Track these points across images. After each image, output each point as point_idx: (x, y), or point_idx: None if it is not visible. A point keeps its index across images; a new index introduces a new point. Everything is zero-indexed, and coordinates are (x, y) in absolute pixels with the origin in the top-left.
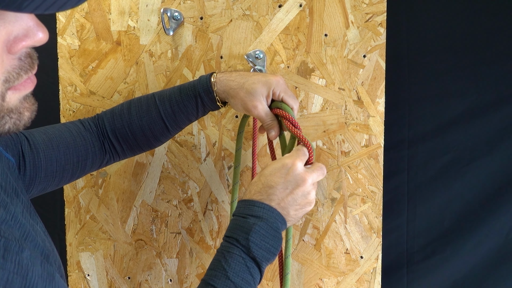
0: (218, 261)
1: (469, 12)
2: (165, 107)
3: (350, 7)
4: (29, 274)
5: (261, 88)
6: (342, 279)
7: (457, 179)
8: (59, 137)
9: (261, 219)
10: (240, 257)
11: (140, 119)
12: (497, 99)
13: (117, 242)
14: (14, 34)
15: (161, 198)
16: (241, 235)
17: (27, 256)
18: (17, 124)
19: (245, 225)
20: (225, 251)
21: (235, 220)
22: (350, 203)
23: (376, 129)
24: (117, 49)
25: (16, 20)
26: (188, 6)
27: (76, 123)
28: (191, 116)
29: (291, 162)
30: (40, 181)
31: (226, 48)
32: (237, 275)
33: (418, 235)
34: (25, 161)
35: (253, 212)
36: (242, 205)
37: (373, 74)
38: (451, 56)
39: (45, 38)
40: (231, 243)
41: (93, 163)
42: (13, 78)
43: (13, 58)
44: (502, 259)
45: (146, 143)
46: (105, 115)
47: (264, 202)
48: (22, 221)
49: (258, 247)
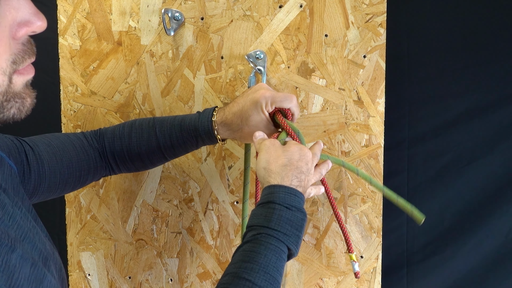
0: (256, 253)
1: (469, 12)
2: (165, 140)
3: (350, 8)
4: (15, 275)
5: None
6: (342, 278)
7: (457, 179)
8: (63, 150)
9: (305, 215)
10: (282, 252)
11: (139, 147)
12: (497, 99)
13: (118, 241)
14: (18, 21)
15: (162, 198)
16: (291, 230)
17: (16, 257)
18: (21, 109)
19: (295, 220)
20: (266, 243)
21: (279, 210)
22: (350, 203)
23: (376, 129)
24: (118, 49)
25: (19, 7)
26: (189, 7)
27: (79, 137)
28: (189, 150)
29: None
30: (43, 191)
31: (226, 49)
32: (277, 270)
33: (418, 235)
34: (30, 169)
35: (297, 204)
36: (283, 192)
37: (373, 74)
38: (451, 56)
39: (44, 25)
40: (275, 237)
41: (94, 177)
42: (19, 61)
43: (17, 43)
44: (502, 259)
45: (142, 166)
46: (105, 134)
47: (302, 193)
48: (20, 222)
49: (300, 245)
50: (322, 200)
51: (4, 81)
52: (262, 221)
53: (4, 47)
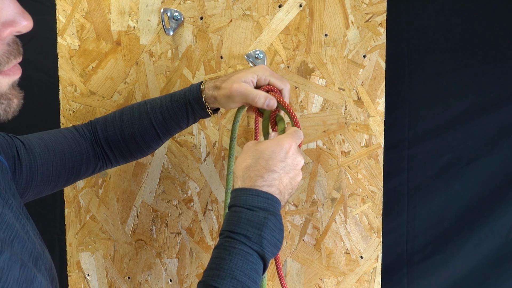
0: (221, 259)
1: (469, 12)
2: (156, 114)
3: (350, 7)
4: (3, 278)
5: (245, 75)
6: (342, 279)
7: (457, 179)
8: (55, 142)
9: (270, 213)
10: (248, 254)
11: (132, 127)
12: (497, 99)
13: (117, 242)
14: (1, 21)
15: (161, 198)
16: (252, 231)
17: (4, 259)
18: (7, 110)
19: (255, 220)
20: (230, 247)
21: (240, 213)
22: (350, 203)
23: (376, 129)
24: (117, 49)
25: (3, 8)
26: (188, 6)
27: (70, 129)
28: (181, 124)
29: (289, 145)
30: (36, 184)
31: (226, 48)
32: (245, 273)
33: (418, 235)
34: (21, 164)
35: (259, 204)
36: (244, 194)
37: (373, 74)
38: (451, 56)
39: (29, 25)
40: (238, 239)
41: (87, 169)
42: (4, 62)
43: (2, 43)
44: (502, 259)
45: (137, 150)
46: (97, 122)
47: (268, 192)
48: (10, 222)
49: (269, 244)
50: (322, 200)
51: None
52: (225, 225)
53: None
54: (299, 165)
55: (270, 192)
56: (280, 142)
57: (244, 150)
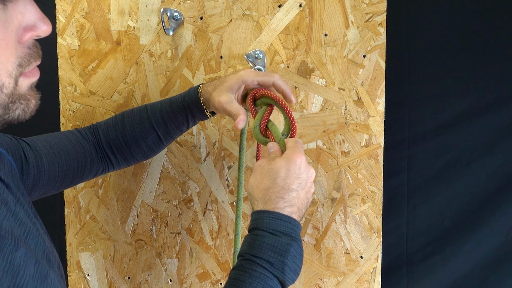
0: (241, 281)
1: (469, 12)
2: (157, 118)
3: (350, 7)
4: (20, 273)
5: (231, 83)
6: (342, 279)
7: (457, 179)
8: (59, 144)
9: (293, 239)
10: (269, 279)
11: (133, 130)
12: (497, 99)
13: (117, 242)
14: (23, 25)
15: (161, 198)
16: (275, 257)
17: (20, 255)
18: (25, 111)
19: (278, 245)
20: (250, 270)
21: (263, 237)
22: (350, 203)
23: (376, 129)
24: (117, 49)
25: (26, 12)
26: (188, 6)
27: (74, 132)
28: (182, 127)
29: (301, 160)
30: (43, 185)
31: (226, 48)
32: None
33: (418, 235)
34: (28, 165)
35: (282, 229)
36: (267, 217)
37: (373, 74)
38: (451, 56)
39: (49, 30)
40: (260, 264)
41: (91, 170)
42: (25, 64)
43: (23, 47)
44: (502, 259)
45: (140, 153)
46: (99, 125)
47: (290, 216)
48: (23, 219)
49: (290, 270)
50: (322, 200)
51: (10, 84)
52: (246, 248)
53: (10, 51)
54: (312, 178)
55: (292, 213)
56: (292, 158)
57: (257, 170)
